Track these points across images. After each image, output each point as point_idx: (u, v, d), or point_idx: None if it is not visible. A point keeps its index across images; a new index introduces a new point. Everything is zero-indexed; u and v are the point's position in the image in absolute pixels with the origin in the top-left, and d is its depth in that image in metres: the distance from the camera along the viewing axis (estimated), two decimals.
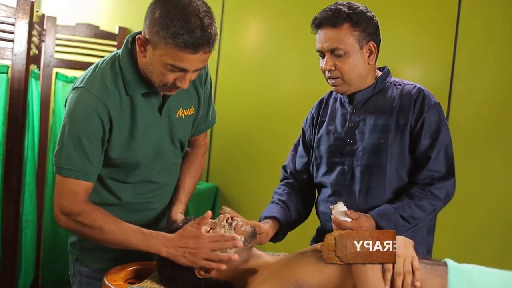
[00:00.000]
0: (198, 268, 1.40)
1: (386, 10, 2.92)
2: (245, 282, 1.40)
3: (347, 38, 1.57)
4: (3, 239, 2.55)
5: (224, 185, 3.49)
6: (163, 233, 1.44)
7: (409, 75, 2.84)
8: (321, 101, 1.81)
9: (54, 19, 3.29)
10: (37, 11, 3.13)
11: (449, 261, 1.31)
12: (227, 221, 1.46)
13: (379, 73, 1.70)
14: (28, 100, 2.68)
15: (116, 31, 3.47)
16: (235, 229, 1.44)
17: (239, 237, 1.39)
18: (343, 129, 1.68)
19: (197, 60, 1.35)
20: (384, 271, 1.26)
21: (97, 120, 1.42)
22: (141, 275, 1.55)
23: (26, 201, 2.78)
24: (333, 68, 1.60)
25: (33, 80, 2.85)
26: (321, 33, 1.61)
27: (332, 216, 1.54)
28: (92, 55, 3.38)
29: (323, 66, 1.61)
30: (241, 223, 1.47)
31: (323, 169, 1.72)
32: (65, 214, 1.45)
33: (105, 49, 3.41)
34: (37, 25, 3.10)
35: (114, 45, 3.44)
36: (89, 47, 3.40)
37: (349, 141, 1.66)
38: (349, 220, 1.51)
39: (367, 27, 1.59)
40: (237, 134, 3.44)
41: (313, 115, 1.81)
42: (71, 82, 3.26)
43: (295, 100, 3.19)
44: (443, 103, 2.78)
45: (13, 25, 2.48)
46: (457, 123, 2.75)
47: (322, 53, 1.62)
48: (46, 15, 3.31)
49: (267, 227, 1.64)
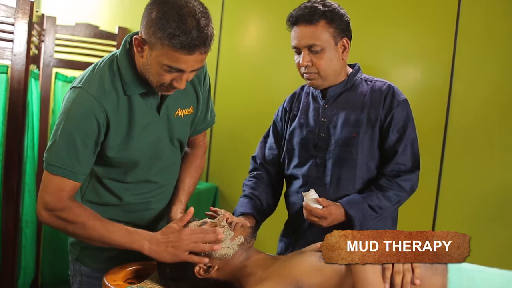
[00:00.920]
0: (198, 267, 1.40)
1: (386, 10, 2.93)
2: (245, 282, 1.40)
3: (323, 34, 1.63)
4: (3, 239, 2.55)
5: (224, 185, 3.49)
6: (147, 231, 1.45)
7: (409, 75, 2.84)
8: (293, 95, 1.86)
9: (53, 19, 3.29)
10: (37, 11, 3.13)
11: None
12: (226, 221, 1.47)
13: (350, 70, 1.75)
14: (27, 100, 2.68)
15: (116, 31, 3.47)
16: (234, 229, 1.45)
17: (220, 230, 1.40)
18: (316, 123, 1.72)
19: (194, 60, 1.35)
20: (383, 270, 1.26)
21: (93, 121, 1.42)
22: (141, 275, 1.55)
23: (26, 201, 2.78)
24: (310, 64, 1.65)
25: (33, 80, 2.84)
26: (297, 30, 1.65)
27: (303, 202, 1.59)
28: (92, 55, 3.37)
29: (300, 61, 1.66)
30: (240, 223, 1.48)
31: (295, 161, 1.76)
32: (48, 209, 1.44)
33: (105, 49, 3.41)
34: (37, 25, 3.10)
35: (114, 45, 3.43)
36: (89, 47, 3.40)
37: (321, 134, 1.70)
38: (320, 207, 1.57)
39: (341, 24, 1.65)
40: (237, 134, 3.44)
41: (285, 108, 1.85)
42: (71, 82, 3.21)
43: None
44: (443, 103, 2.81)
45: (13, 25, 2.48)
46: (457, 123, 2.75)
47: (298, 50, 1.67)
48: (45, 15, 3.30)
49: None
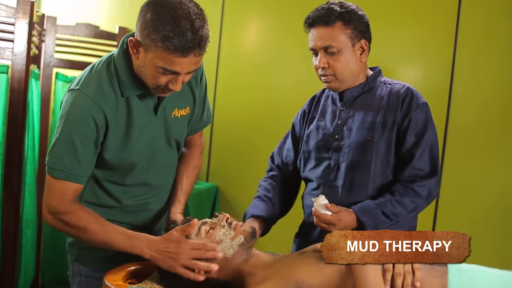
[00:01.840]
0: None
1: (386, 10, 2.92)
2: (245, 282, 1.40)
3: (340, 36, 1.61)
4: (3, 239, 2.55)
5: (224, 185, 3.49)
6: (147, 235, 1.44)
7: (409, 75, 2.84)
8: (314, 98, 1.84)
9: (54, 19, 3.29)
10: (37, 11, 3.13)
11: None
12: (226, 221, 1.47)
13: (370, 72, 1.72)
14: (28, 100, 2.68)
15: (116, 31, 3.47)
16: (235, 229, 1.44)
17: (219, 248, 1.39)
18: (332, 125, 1.71)
19: (188, 63, 1.33)
20: (384, 271, 1.26)
21: (92, 123, 1.42)
22: (141, 275, 1.55)
23: (26, 201, 2.78)
24: (326, 65, 1.63)
25: (33, 80, 2.84)
26: (314, 32, 1.64)
27: (313, 208, 1.55)
28: (92, 55, 3.37)
29: (317, 63, 1.65)
30: (240, 223, 1.47)
31: (311, 164, 1.74)
32: (52, 212, 1.45)
33: (105, 49, 3.41)
34: (37, 25, 3.10)
35: (114, 45, 3.43)
36: (89, 47, 3.39)
37: (336, 137, 1.68)
38: (329, 213, 1.53)
39: (359, 25, 1.62)
40: (237, 134, 3.44)
41: (304, 110, 1.84)
42: (71, 82, 3.25)
43: (295, 100, 3.17)
44: (443, 103, 2.81)
45: (13, 25, 2.48)
46: (457, 123, 2.75)
47: (315, 51, 1.66)
48: (46, 15, 3.30)
49: (257, 228, 1.64)
